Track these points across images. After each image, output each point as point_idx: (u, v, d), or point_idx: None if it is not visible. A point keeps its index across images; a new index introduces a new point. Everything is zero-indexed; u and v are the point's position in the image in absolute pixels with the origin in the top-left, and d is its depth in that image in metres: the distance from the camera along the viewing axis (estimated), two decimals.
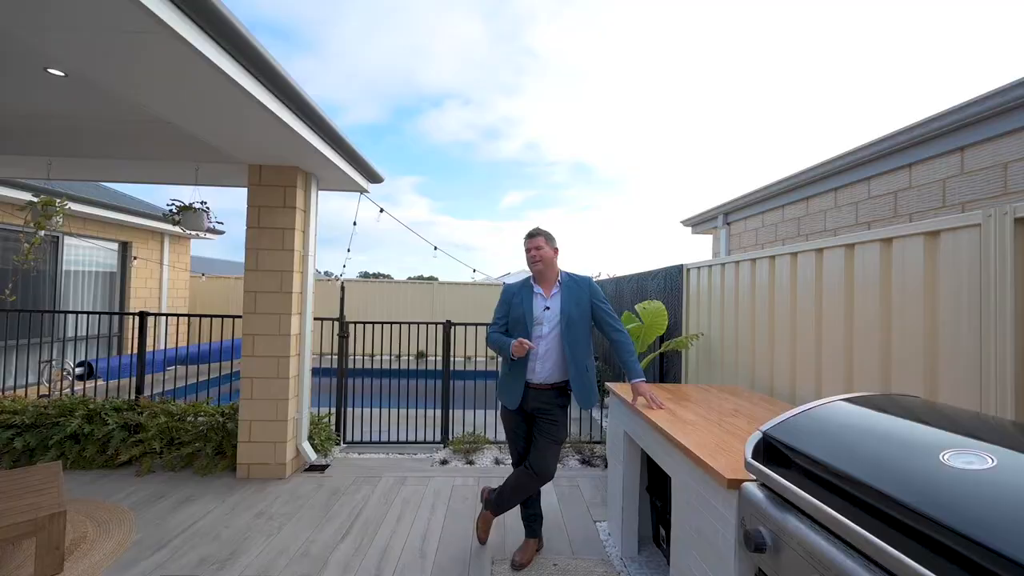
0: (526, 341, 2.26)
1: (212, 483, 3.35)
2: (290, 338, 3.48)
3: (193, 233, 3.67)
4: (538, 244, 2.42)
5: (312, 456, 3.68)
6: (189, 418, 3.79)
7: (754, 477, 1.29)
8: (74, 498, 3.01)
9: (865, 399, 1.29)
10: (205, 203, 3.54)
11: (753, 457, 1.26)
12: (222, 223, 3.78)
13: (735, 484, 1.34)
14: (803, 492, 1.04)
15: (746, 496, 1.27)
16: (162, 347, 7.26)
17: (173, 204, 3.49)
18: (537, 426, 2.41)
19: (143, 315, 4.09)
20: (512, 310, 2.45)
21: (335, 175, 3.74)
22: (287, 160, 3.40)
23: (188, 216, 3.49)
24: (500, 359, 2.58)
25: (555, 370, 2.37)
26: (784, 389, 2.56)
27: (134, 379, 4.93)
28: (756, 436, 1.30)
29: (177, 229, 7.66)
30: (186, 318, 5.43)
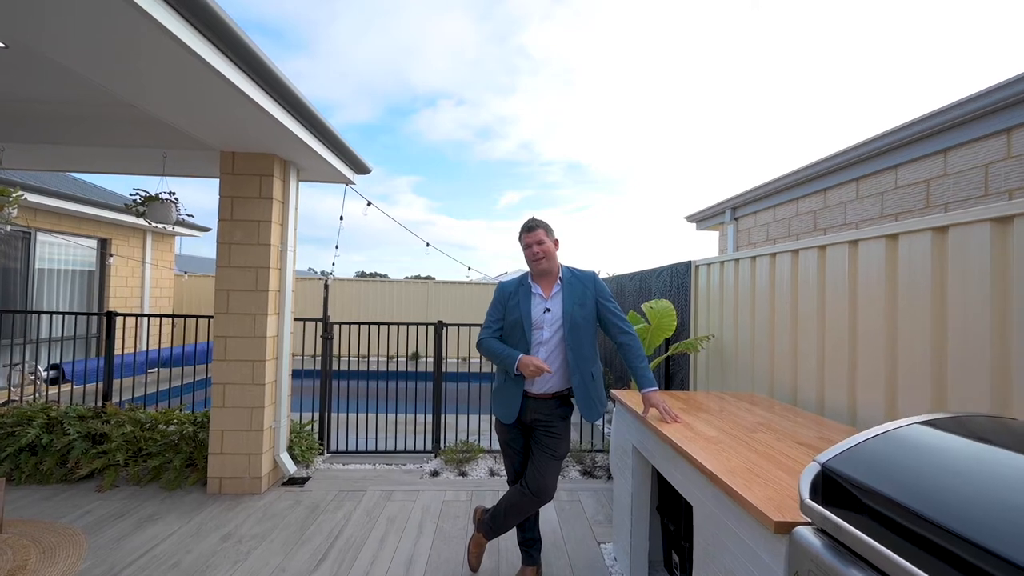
0: (543, 364, 1.98)
1: (180, 499, 3.06)
2: (266, 340, 3.19)
3: (161, 227, 3.37)
4: (539, 238, 2.12)
5: (291, 468, 3.39)
6: (160, 426, 3.51)
7: (808, 520, 1.03)
8: (22, 519, 2.72)
9: (952, 423, 1.03)
10: (173, 193, 3.25)
11: (811, 496, 0.99)
12: (192, 215, 3.48)
13: (784, 528, 1.07)
14: (898, 558, 0.77)
15: (801, 545, 1.00)
16: (144, 349, 6.95)
17: (137, 194, 3.20)
18: (535, 439, 2.14)
19: (111, 315, 3.80)
20: (508, 312, 2.16)
21: (317, 164, 3.46)
22: (262, 146, 3.12)
23: (154, 207, 3.19)
24: (496, 366, 2.29)
25: (557, 378, 2.10)
26: (810, 399, 2.30)
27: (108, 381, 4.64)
28: (812, 469, 1.03)
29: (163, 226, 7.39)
30: (161, 319, 5.14)
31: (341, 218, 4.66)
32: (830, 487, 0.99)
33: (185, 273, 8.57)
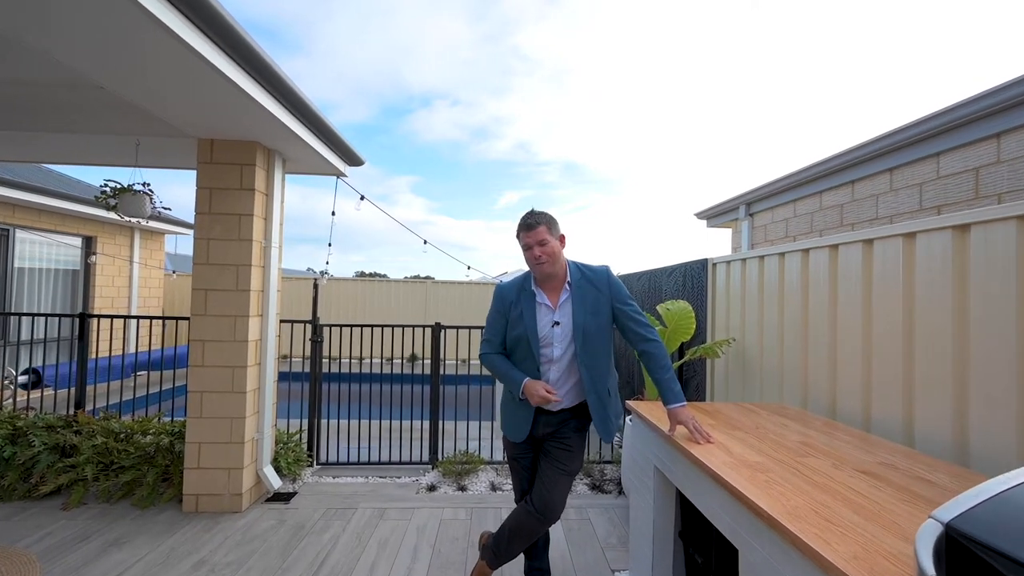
0: (550, 393, 1.72)
1: (152, 519, 2.80)
2: (247, 345, 2.93)
3: (135, 220, 3.11)
4: (541, 237, 1.78)
5: (275, 483, 3.13)
6: (137, 436, 3.24)
7: None
8: None
9: None
10: (148, 184, 2.99)
11: (936, 570, 0.73)
12: (169, 208, 3.21)
13: None
14: None
15: None
16: (131, 351, 6.68)
17: (107, 185, 2.93)
18: (545, 451, 1.88)
19: (83, 316, 3.54)
20: (511, 326, 1.88)
21: (304, 154, 3.20)
22: (243, 133, 2.86)
23: (126, 199, 2.93)
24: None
25: (571, 395, 1.85)
26: (853, 412, 2.04)
27: (89, 388, 4.39)
28: (932, 530, 0.77)
29: (149, 222, 7.11)
30: (139, 320, 4.85)
31: (333, 213, 4.41)
32: (960, 556, 0.73)
33: (173, 272, 8.30)
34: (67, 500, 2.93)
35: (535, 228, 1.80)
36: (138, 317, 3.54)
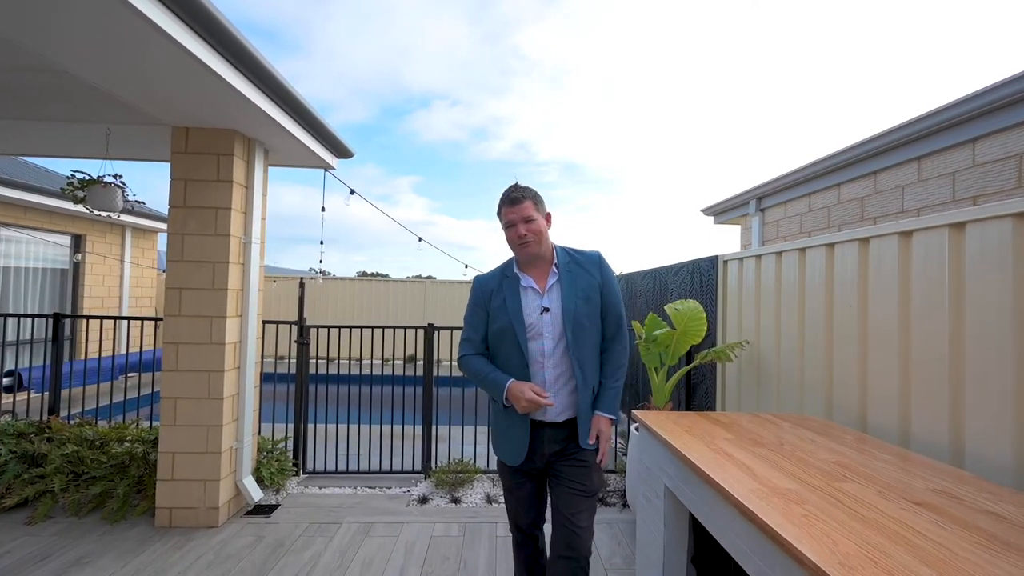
0: (540, 393, 1.47)
1: (121, 535, 2.60)
2: (225, 348, 2.73)
3: (105, 214, 2.92)
4: (527, 213, 1.56)
5: (256, 495, 2.93)
6: (112, 444, 3.06)
7: None
8: None
9: None
10: (120, 176, 2.80)
11: None
12: (143, 202, 3.02)
13: None
14: None
15: None
16: (125, 352, 6.51)
17: (74, 177, 2.74)
18: (555, 475, 1.59)
19: (57, 316, 3.36)
20: (493, 317, 1.63)
21: (288, 144, 3.00)
22: (221, 121, 2.66)
23: (95, 192, 2.74)
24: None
25: (574, 398, 1.62)
26: (887, 426, 1.82)
27: (77, 391, 4.23)
28: None
29: (141, 220, 6.95)
30: (116, 320, 4.62)
31: (323, 209, 4.23)
32: None
33: (163, 271, 8.13)
34: (33, 513, 2.74)
35: (520, 203, 1.57)
36: (115, 317, 3.36)
